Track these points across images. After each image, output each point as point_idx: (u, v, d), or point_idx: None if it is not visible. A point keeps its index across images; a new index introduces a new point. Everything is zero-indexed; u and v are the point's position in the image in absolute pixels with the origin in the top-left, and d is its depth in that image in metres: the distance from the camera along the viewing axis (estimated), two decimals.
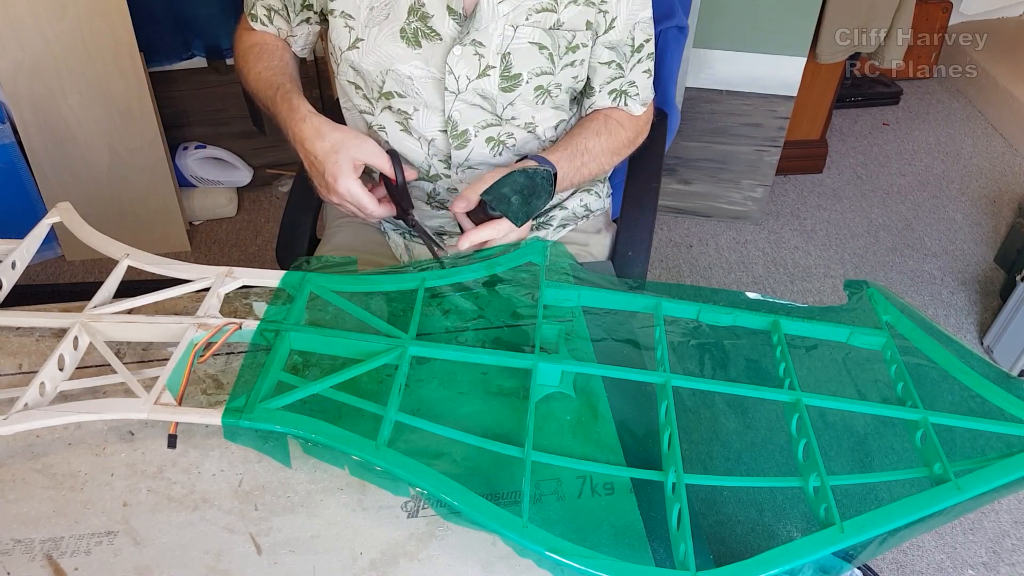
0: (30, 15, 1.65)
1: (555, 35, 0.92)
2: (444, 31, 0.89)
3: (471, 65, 0.91)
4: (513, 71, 0.92)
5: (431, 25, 0.89)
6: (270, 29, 1.02)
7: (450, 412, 0.71)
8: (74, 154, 1.85)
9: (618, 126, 1.03)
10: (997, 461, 0.67)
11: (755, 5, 1.87)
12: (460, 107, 0.94)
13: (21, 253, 0.82)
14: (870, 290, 0.84)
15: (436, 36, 0.90)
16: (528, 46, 0.91)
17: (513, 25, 0.89)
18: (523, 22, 0.90)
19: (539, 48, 0.92)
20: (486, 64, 0.91)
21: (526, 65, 0.92)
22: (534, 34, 0.91)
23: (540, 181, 0.88)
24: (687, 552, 0.58)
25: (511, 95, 0.94)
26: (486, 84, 0.92)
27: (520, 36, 0.90)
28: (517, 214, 0.86)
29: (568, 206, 1.12)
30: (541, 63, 0.93)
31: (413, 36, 0.90)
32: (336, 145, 0.89)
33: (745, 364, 0.79)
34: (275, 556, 0.61)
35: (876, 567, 1.27)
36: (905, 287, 2.06)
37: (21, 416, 0.64)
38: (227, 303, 0.80)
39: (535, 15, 0.90)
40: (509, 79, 0.93)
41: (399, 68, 0.92)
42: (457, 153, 0.99)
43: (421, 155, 1.00)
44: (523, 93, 0.95)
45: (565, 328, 0.78)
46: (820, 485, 0.63)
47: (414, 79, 0.93)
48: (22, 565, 0.60)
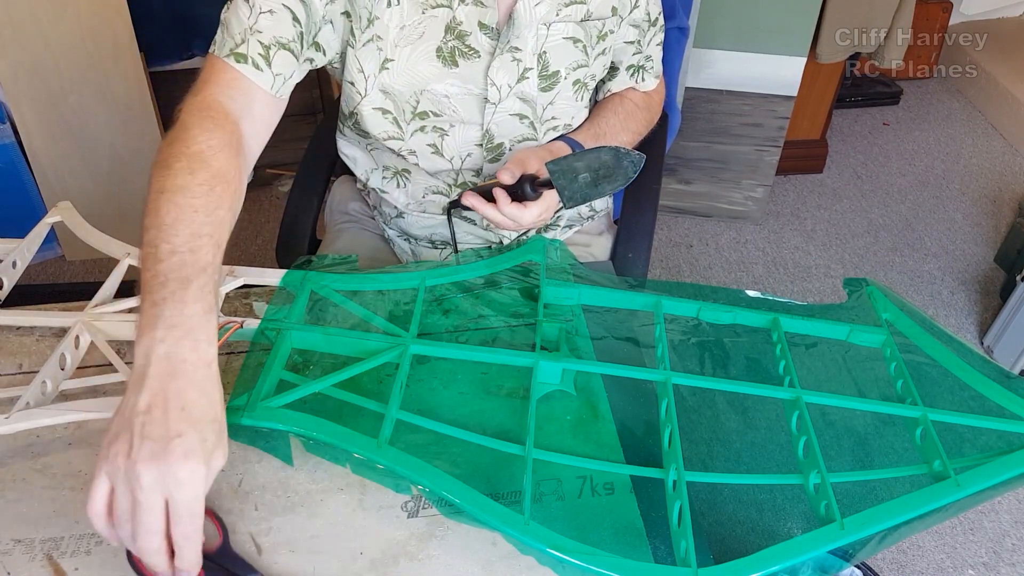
0: (30, 16, 1.65)
1: (587, 27, 0.92)
2: (482, 47, 0.87)
3: (510, 72, 0.89)
4: (551, 69, 0.91)
5: (469, 43, 0.86)
6: (262, 76, 0.77)
7: (451, 412, 0.71)
8: (74, 154, 1.85)
9: (635, 108, 1.04)
10: (996, 458, 0.67)
11: (755, 5, 1.87)
12: (499, 119, 0.92)
13: (22, 252, 0.82)
14: (869, 288, 0.84)
15: (475, 54, 0.87)
16: (563, 42, 0.91)
17: (546, 23, 0.88)
18: (555, 19, 0.89)
19: (573, 42, 0.91)
20: (524, 67, 0.90)
21: (563, 61, 0.92)
22: (567, 29, 0.90)
23: (627, 164, 0.77)
24: (688, 549, 0.58)
25: (550, 94, 0.93)
26: (526, 87, 0.91)
27: (554, 33, 0.89)
28: (575, 195, 0.78)
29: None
30: (576, 57, 0.92)
31: (450, 55, 0.87)
32: (213, 425, 0.54)
33: (745, 362, 0.79)
34: (275, 556, 0.61)
35: (876, 567, 1.27)
36: (905, 287, 2.06)
37: (23, 415, 0.64)
38: (227, 303, 0.80)
39: (565, 9, 0.89)
40: (547, 78, 0.92)
41: (434, 88, 0.88)
42: (490, 166, 0.98)
43: (451, 175, 0.98)
44: (562, 90, 0.94)
45: (566, 327, 0.78)
46: (820, 482, 0.63)
47: (451, 97, 0.89)
48: (22, 565, 0.60)
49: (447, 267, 0.83)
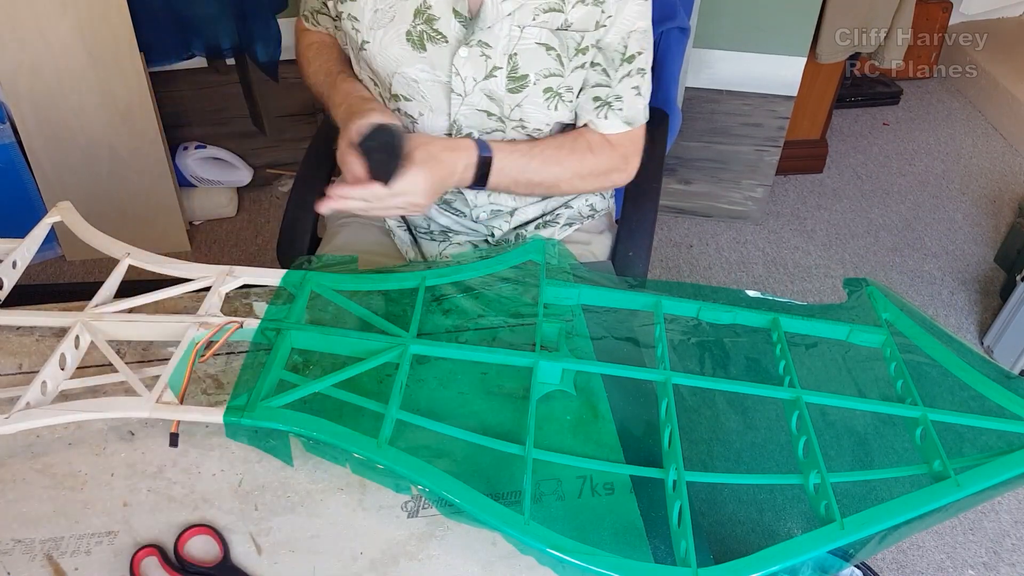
0: (30, 15, 1.65)
1: (563, 36, 0.91)
2: (450, 33, 0.89)
3: (478, 66, 0.90)
4: (520, 72, 0.92)
5: (437, 27, 0.89)
6: (319, 28, 1.07)
7: (451, 413, 0.71)
8: (74, 154, 1.85)
9: (588, 149, 0.98)
10: (996, 458, 0.67)
11: (755, 5, 1.87)
12: (466, 111, 0.94)
13: (22, 252, 0.82)
14: (869, 288, 0.84)
15: (442, 38, 0.89)
16: (535, 47, 0.91)
17: (520, 25, 0.89)
18: (530, 22, 0.89)
19: (546, 49, 0.91)
20: (493, 65, 0.91)
21: (533, 66, 0.92)
22: (541, 35, 0.90)
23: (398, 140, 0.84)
24: (688, 549, 0.58)
25: (518, 96, 0.94)
26: (493, 85, 0.92)
27: (527, 37, 0.90)
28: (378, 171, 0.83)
29: (574, 205, 1.11)
30: (549, 64, 0.92)
31: (419, 39, 0.90)
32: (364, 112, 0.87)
33: (745, 362, 0.79)
34: (275, 556, 0.61)
35: (876, 567, 1.27)
36: (905, 287, 2.06)
37: (23, 415, 0.64)
38: (227, 304, 0.80)
39: (542, 15, 0.89)
40: (516, 80, 0.92)
41: (405, 71, 0.92)
42: None
43: None
44: (531, 95, 0.94)
45: (565, 327, 0.78)
46: (820, 482, 0.63)
47: (419, 82, 0.92)
48: (22, 565, 0.60)
49: (447, 267, 0.83)
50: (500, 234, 1.07)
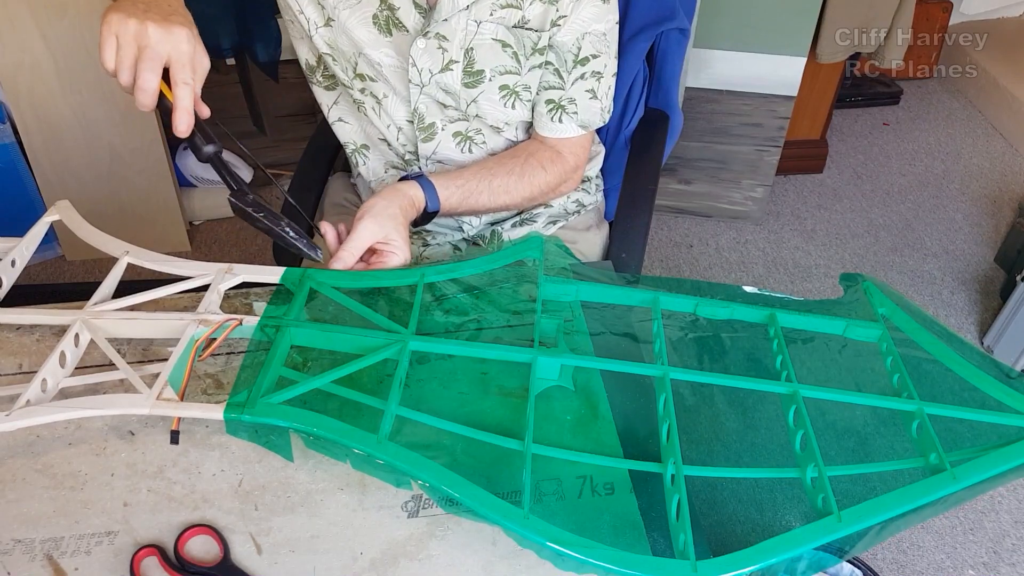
0: (30, 15, 1.65)
1: (519, 34, 0.91)
2: (409, 22, 0.89)
3: (434, 59, 0.91)
4: (476, 67, 0.92)
5: (398, 16, 0.89)
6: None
7: (451, 413, 0.71)
8: (74, 154, 1.85)
9: (539, 167, 0.98)
10: (993, 450, 0.68)
11: (755, 5, 1.87)
12: (425, 100, 0.94)
13: (20, 251, 0.82)
14: (866, 283, 0.84)
15: (403, 27, 0.90)
16: (491, 43, 0.91)
17: (476, 20, 0.89)
18: (487, 18, 0.89)
19: (503, 46, 0.91)
20: (449, 58, 0.91)
21: (489, 62, 0.92)
22: (498, 31, 0.90)
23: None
24: (687, 542, 0.58)
25: (474, 91, 0.94)
26: (448, 79, 0.92)
27: (483, 32, 0.90)
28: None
29: (555, 204, 1.09)
30: (504, 61, 0.92)
31: (385, 24, 0.90)
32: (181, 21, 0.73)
33: (742, 357, 0.79)
34: (275, 556, 0.61)
35: (876, 567, 1.27)
36: (905, 287, 2.06)
37: (23, 412, 0.64)
38: (227, 301, 0.80)
39: (499, 11, 0.89)
40: (472, 75, 0.92)
41: (370, 53, 0.92)
42: (424, 145, 0.98)
43: (394, 142, 1.00)
44: (487, 91, 0.94)
45: (564, 324, 0.78)
46: (817, 475, 0.63)
47: (383, 66, 0.93)
48: (22, 565, 0.60)
49: (445, 264, 0.83)
50: (473, 231, 1.07)
